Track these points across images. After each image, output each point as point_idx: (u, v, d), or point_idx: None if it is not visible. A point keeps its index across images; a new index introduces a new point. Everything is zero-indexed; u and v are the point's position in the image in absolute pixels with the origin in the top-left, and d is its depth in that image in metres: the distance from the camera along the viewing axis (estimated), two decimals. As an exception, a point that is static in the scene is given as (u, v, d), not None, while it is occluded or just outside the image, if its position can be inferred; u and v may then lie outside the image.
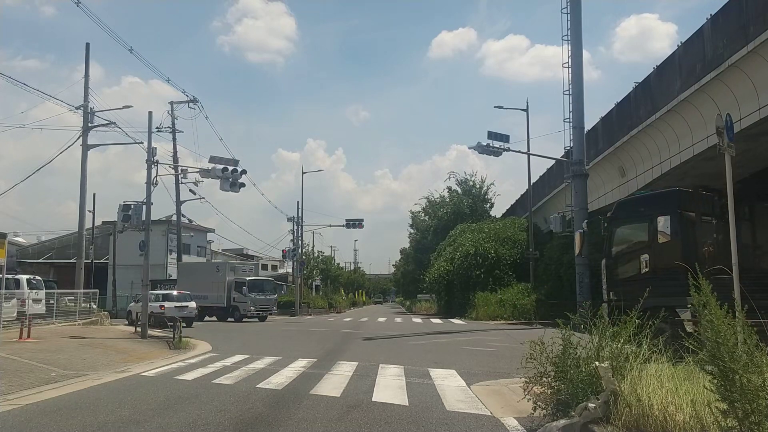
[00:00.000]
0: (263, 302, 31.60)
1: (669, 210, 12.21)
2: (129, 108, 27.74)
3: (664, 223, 12.18)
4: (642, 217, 12.79)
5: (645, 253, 12.40)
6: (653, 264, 12.11)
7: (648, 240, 12.42)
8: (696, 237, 11.80)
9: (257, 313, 30.91)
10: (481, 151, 22.68)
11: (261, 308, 31.25)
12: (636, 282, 12.18)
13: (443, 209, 46.87)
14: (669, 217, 12.06)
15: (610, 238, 13.51)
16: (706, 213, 12.48)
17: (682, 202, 12.37)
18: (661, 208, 12.49)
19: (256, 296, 31.10)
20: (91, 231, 35.99)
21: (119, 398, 7.52)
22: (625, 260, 12.99)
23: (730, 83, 14.57)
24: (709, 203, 12.94)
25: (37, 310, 20.54)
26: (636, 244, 12.83)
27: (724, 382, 3.90)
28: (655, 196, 13.72)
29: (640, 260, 12.43)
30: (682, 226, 11.88)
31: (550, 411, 5.47)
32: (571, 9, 21.27)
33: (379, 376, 9.28)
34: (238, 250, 64.14)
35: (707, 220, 12.53)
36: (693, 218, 12.01)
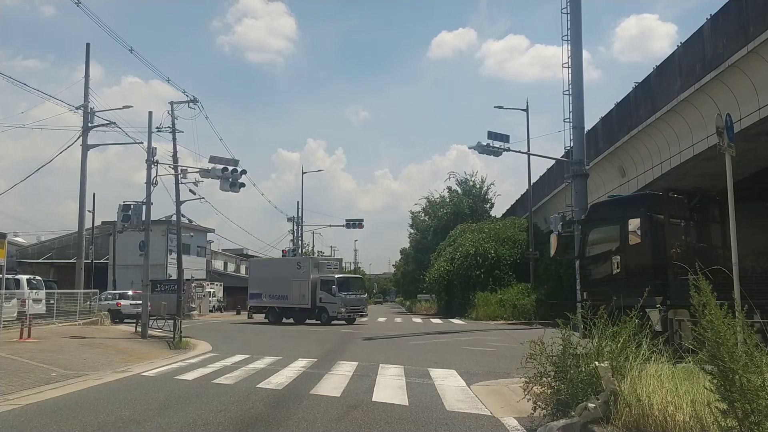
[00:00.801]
0: (354, 303, 27.85)
1: (639, 213, 12.50)
2: (129, 108, 27.73)
3: (634, 226, 12.43)
4: (614, 220, 13.08)
5: (617, 254, 12.70)
6: (624, 265, 12.40)
7: (620, 242, 12.71)
8: (665, 239, 12.05)
9: (348, 315, 27.19)
10: (481, 151, 22.66)
11: (352, 309, 27.53)
12: (608, 282, 12.61)
13: (443, 209, 46.89)
14: (639, 219, 12.35)
15: (584, 240, 13.82)
16: (675, 215, 12.76)
17: (651, 205, 12.70)
18: (632, 211, 12.79)
19: (347, 296, 27.31)
20: (91, 231, 36.02)
21: (119, 398, 7.52)
22: (599, 261, 13.29)
23: (730, 83, 14.57)
24: (679, 206, 13.24)
25: (38, 310, 20.55)
26: (608, 246, 13.08)
27: (724, 382, 3.90)
28: (626, 200, 14.14)
29: (612, 261, 12.73)
30: (652, 228, 12.16)
31: (550, 411, 5.48)
32: (571, 9, 21.25)
33: (379, 376, 9.29)
34: (238, 250, 64.16)
35: (676, 222, 12.84)
36: (662, 221, 12.28)
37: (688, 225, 13.05)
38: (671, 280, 11.60)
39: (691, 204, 13.41)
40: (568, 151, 22.82)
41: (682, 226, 12.95)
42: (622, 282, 12.27)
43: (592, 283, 13.48)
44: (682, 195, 14.02)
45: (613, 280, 12.57)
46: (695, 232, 13.17)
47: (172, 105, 27.89)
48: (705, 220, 13.44)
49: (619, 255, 12.60)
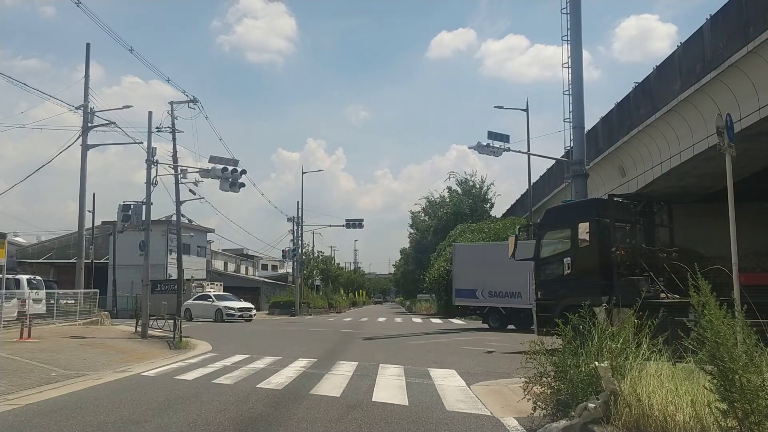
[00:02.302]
0: None
1: (588, 217, 13.32)
2: (129, 108, 27.68)
3: (583, 229, 13.29)
4: (566, 224, 13.88)
5: (568, 256, 13.45)
6: (574, 266, 13.15)
7: (570, 244, 13.52)
8: (610, 241, 12.69)
9: None
10: (481, 151, 22.64)
11: None
12: (560, 282, 13.48)
13: (443, 209, 46.90)
14: (588, 223, 13.17)
15: (539, 242, 14.42)
16: (621, 219, 13.55)
17: (599, 210, 13.45)
18: (581, 215, 13.69)
19: None
20: (91, 231, 36.01)
21: (119, 398, 7.52)
22: (552, 262, 13.92)
23: (730, 83, 14.56)
24: (624, 210, 14.03)
25: (38, 310, 20.54)
26: (561, 248, 13.82)
27: (724, 382, 3.90)
28: (576, 205, 15.00)
29: (564, 263, 13.46)
30: (599, 231, 12.93)
31: (550, 411, 5.48)
32: (570, 9, 21.24)
33: (379, 376, 9.29)
34: (238, 250, 64.15)
35: (621, 225, 13.65)
36: (608, 224, 12.98)
37: (633, 228, 13.87)
38: (616, 280, 12.27)
39: (636, 208, 14.24)
40: (568, 151, 22.82)
41: (627, 229, 13.77)
42: (572, 282, 13.14)
43: (546, 283, 14.13)
44: (628, 200, 14.93)
45: (564, 280, 13.35)
46: (641, 235, 13.93)
47: (171, 105, 27.84)
48: (651, 223, 14.26)
49: (570, 256, 13.37)
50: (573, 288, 13.17)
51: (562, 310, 12.57)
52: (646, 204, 14.79)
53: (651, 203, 14.92)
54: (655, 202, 15.21)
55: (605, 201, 13.80)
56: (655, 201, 15.56)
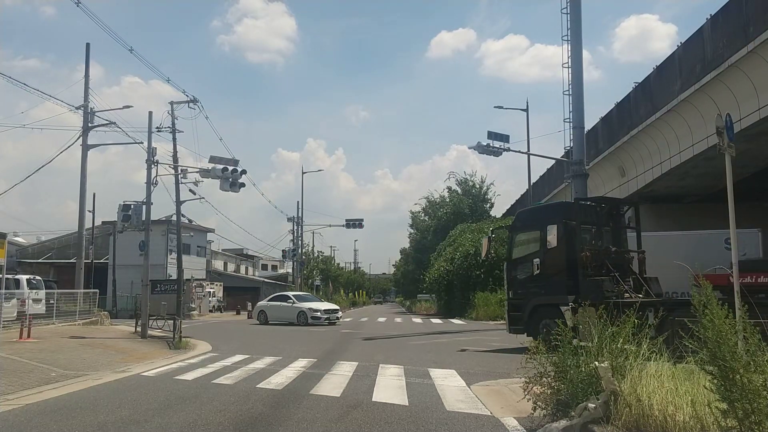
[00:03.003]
0: None
1: (556, 220, 13.85)
2: (129, 108, 27.72)
3: (551, 232, 13.82)
4: (535, 226, 14.37)
5: (537, 257, 13.97)
6: (543, 267, 13.71)
7: (539, 246, 14.03)
8: (576, 243, 13.28)
9: None
10: (481, 151, 22.64)
11: None
12: (530, 282, 14.00)
13: (443, 209, 46.92)
14: (556, 226, 13.70)
15: (511, 244, 15.00)
16: (586, 222, 14.22)
17: (567, 213, 14.13)
18: (550, 218, 14.22)
19: None
20: (91, 231, 36.01)
21: (119, 398, 7.52)
22: (523, 263, 14.42)
23: (730, 83, 14.57)
24: (591, 213, 14.75)
25: (37, 310, 20.53)
26: (530, 249, 14.34)
27: (724, 382, 3.90)
28: (545, 208, 15.57)
29: (533, 263, 13.99)
30: (566, 234, 13.50)
31: (550, 411, 5.47)
32: (571, 9, 21.24)
33: (379, 376, 9.28)
34: (238, 250, 64.16)
35: (587, 227, 14.27)
36: (574, 227, 13.58)
37: (599, 230, 14.43)
38: (581, 280, 12.80)
39: (602, 211, 14.90)
40: (568, 151, 22.82)
41: (592, 231, 14.34)
42: (541, 282, 13.74)
43: (517, 282, 14.61)
44: (594, 203, 15.69)
45: (534, 280, 13.91)
46: (607, 237, 14.51)
47: (172, 105, 27.88)
48: (617, 225, 14.83)
49: (539, 257, 13.89)
50: (542, 288, 13.78)
51: (531, 309, 13.80)
52: (613, 207, 15.40)
53: (618, 206, 15.48)
54: (621, 205, 15.79)
55: (572, 204, 14.33)
56: (622, 204, 16.22)
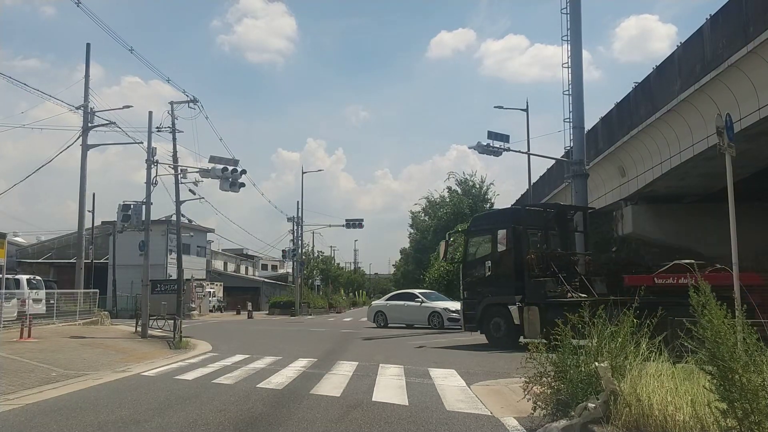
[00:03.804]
0: None
1: (506, 225, 14.89)
2: (129, 108, 27.71)
3: (501, 236, 14.85)
4: (488, 230, 15.44)
5: (489, 259, 15.04)
6: (494, 269, 14.81)
7: (491, 249, 15.09)
8: (523, 247, 14.35)
9: None
10: (481, 151, 22.63)
11: None
12: (483, 283, 15.09)
13: (443, 209, 46.91)
14: (505, 230, 14.72)
15: (466, 247, 16.06)
16: (533, 226, 15.32)
17: (515, 218, 15.13)
18: (500, 223, 15.28)
19: None
20: (91, 231, 36.02)
21: (119, 398, 7.53)
22: (476, 265, 15.49)
23: (730, 83, 14.56)
24: (537, 218, 15.79)
25: (37, 310, 20.54)
26: (483, 252, 15.42)
27: (724, 382, 3.90)
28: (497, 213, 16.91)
29: (485, 265, 15.08)
30: (515, 238, 14.50)
31: (550, 411, 5.47)
32: (570, 9, 21.25)
33: (379, 375, 9.28)
34: (238, 250, 64.17)
35: (533, 231, 15.33)
36: (522, 231, 14.59)
37: (545, 234, 15.48)
38: (527, 281, 13.86)
39: (549, 216, 15.95)
40: (568, 151, 22.83)
41: (538, 235, 15.41)
42: (492, 283, 14.82)
43: (471, 283, 15.68)
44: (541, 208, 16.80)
45: (486, 281, 15.00)
46: (555, 241, 15.56)
47: (172, 105, 27.91)
48: (564, 229, 15.84)
49: (490, 260, 14.98)
50: (493, 288, 14.85)
51: (483, 308, 14.84)
52: (561, 212, 16.41)
53: (566, 211, 16.54)
54: (569, 210, 16.84)
55: (520, 210, 15.57)
56: (569, 209, 17.35)
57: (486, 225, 16.03)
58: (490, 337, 14.79)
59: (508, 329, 14.21)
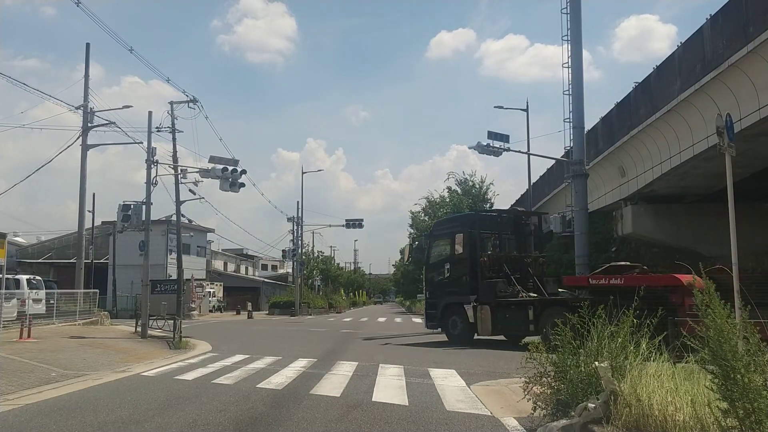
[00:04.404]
0: None
1: (462, 229, 15.95)
2: (129, 108, 27.69)
3: (458, 240, 15.95)
4: (447, 235, 16.55)
5: (447, 262, 16.19)
6: (452, 270, 15.98)
7: (449, 252, 16.22)
8: (477, 250, 15.47)
9: None
10: (481, 151, 22.61)
11: None
12: (443, 284, 16.28)
13: (443, 209, 46.82)
14: (462, 235, 15.83)
15: (428, 250, 17.07)
16: (488, 230, 16.50)
17: (471, 223, 16.20)
18: (457, 227, 16.33)
19: None
20: (91, 231, 35.99)
21: (119, 398, 7.52)
22: (437, 267, 16.66)
23: (730, 83, 14.55)
24: (492, 222, 16.98)
25: (37, 310, 20.53)
26: (443, 255, 16.49)
27: (725, 382, 3.90)
28: (455, 218, 17.89)
29: (445, 268, 16.25)
30: (470, 241, 15.61)
31: (550, 411, 5.47)
32: (570, 9, 21.23)
33: (379, 376, 9.28)
34: (238, 250, 64.13)
35: (487, 235, 16.44)
36: (476, 235, 15.71)
37: (500, 238, 16.58)
38: (480, 282, 15.01)
39: (504, 221, 17.09)
40: (568, 151, 22.81)
41: (492, 239, 16.51)
42: (451, 284, 15.96)
43: (433, 284, 16.98)
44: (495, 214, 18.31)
45: (445, 282, 16.17)
46: (511, 244, 16.65)
47: (171, 105, 27.87)
48: (521, 233, 16.89)
49: (449, 262, 16.15)
50: (451, 289, 15.94)
51: (443, 307, 15.97)
52: (517, 216, 17.62)
53: (520, 216, 17.77)
54: (524, 215, 18.07)
55: (476, 215, 17.01)
56: (525, 214, 18.71)
57: (445, 229, 17.03)
58: (449, 334, 15.90)
59: (464, 327, 15.26)
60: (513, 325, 14.45)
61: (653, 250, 24.34)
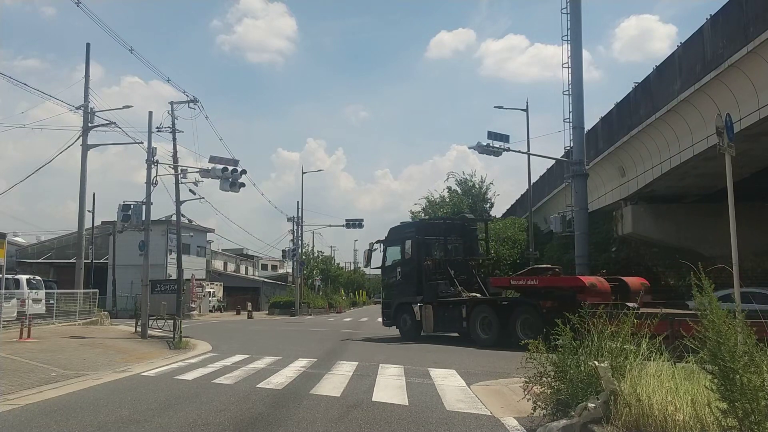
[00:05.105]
0: None
1: (411, 236, 17.68)
2: (129, 108, 27.67)
3: (407, 245, 17.69)
4: (398, 241, 18.24)
5: (399, 266, 17.99)
6: (402, 273, 17.74)
7: (401, 257, 18.03)
8: (423, 255, 17.17)
9: None
10: (481, 151, 22.63)
11: None
12: (395, 286, 18.16)
13: (443, 209, 46.80)
14: (410, 241, 17.57)
15: (384, 255, 18.76)
16: (434, 236, 18.00)
17: (418, 230, 18.00)
18: (407, 234, 17.98)
19: None
20: (91, 231, 35.98)
21: (119, 398, 7.52)
22: (391, 271, 18.52)
23: (730, 83, 14.56)
24: (439, 229, 18.58)
25: (37, 310, 20.53)
26: (395, 259, 18.32)
27: (725, 382, 3.90)
28: (406, 225, 19.28)
29: (396, 271, 18.07)
30: (417, 247, 17.30)
31: (550, 411, 5.47)
32: (570, 9, 21.25)
33: (379, 375, 9.28)
34: (238, 250, 64.12)
35: (433, 241, 17.92)
36: (422, 241, 17.35)
37: (446, 243, 18.06)
38: (424, 283, 16.66)
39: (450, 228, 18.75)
40: (568, 151, 22.82)
41: (438, 244, 17.99)
42: (402, 285, 17.69)
43: (388, 286, 18.96)
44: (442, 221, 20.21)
45: (397, 284, 17.99)
46: (452, 248, 18.17)
47: (172, 105, 27.83)
48: (469, 238, 18.45)
49: (400, 266, 17.94)
50: (402, 290, 17.60)
51: (395, 306, 17.79)
52: (465, 223, 19.49)
53: (467, 222, 19.65)
54: (470, 222, 20.00)
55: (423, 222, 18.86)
56: (472, 221, 20.62)
57: (397, 236, 18.48)
58: (401, 330, 17.61)
59: (412, 324, 16.97)
60: (450, 323, 16.18)
61: (653, 250, 24.34)
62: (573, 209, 22.55)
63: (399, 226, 19.42)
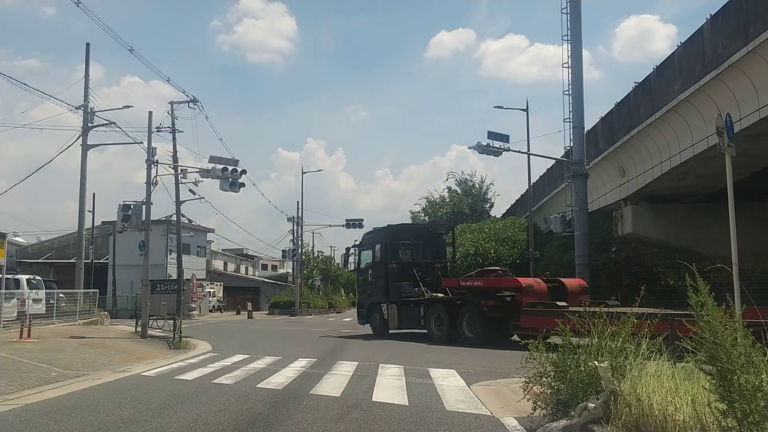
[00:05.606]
0: None
1: (380, 240, 18.95)
2: (129, 108, 27.75)
3: (377, 249, 19.01)
4: (370, 245, 19.61)
5: (371, 268, 19.40)
6: (373, 275, 19.15)
7: (372, 260, 19.34)
8: (391, 258, 18.33)
9: None
10: (481, 151, 22.65)
11: None
12: (368, 287, 19.61)
13: (443, 209, 46.87)
14: (380, 245, 18.83)
15: (358, 258, 20.28)
16: (403, 240, 19.31)
17: (387, 234, 18.93)
18: (378, 238, 19.20)
19: None
20: (91, 231, 36.00)
21: (119, 398, 7.52)
22: (364, 273, 19.97)
23: (730, 83, 14.56)
24: (408, 233, 20.08)
25: (37, 310, 20.55)
26: (368, 262, 19.65)
27: (723, 383, 3.90)
28: (377, 230, 20.11)
29: (368, 273, 19.51)
30: (385, 251, 18.54)
31: (550, 411, 5.47)
32: (570, 9, 21.27)
33: (379, 375, 9.28)
34: (238, 250, 64.15)
35: (402, 245, 19.12)
36: (389, 245, 18.56)
37: (414, 247, 19.38)
38: (391, 285, 17.88)
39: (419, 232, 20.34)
40: (568, 151, 22.84)
41: (404, 248, 19.20)
42: (373, 286, 19.09)
43: (361, 287, 20.68)
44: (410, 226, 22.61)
45: (369, 285, 19.42)
46: (420, 251, 19.31)
47: (172, 105, 27.89)
48: (437, 243, 19.78)
49: (372, 269, 19.32)
50: (373, 291, 19.01)
51: (367, 306, 19.29)
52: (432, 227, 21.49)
53: (436, 227, 21.68)
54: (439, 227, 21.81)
55: (392, 227, 19.30)
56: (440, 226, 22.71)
57: (369, 240, 19.79)
58: (372, 328, 19.01)
59: (381, 322, 18.35)
60: (411, 320, 17.31)
61: (653, 250, 24.35)
62: (573, 209, 22.58)
63: (371, 231, 20.66)
